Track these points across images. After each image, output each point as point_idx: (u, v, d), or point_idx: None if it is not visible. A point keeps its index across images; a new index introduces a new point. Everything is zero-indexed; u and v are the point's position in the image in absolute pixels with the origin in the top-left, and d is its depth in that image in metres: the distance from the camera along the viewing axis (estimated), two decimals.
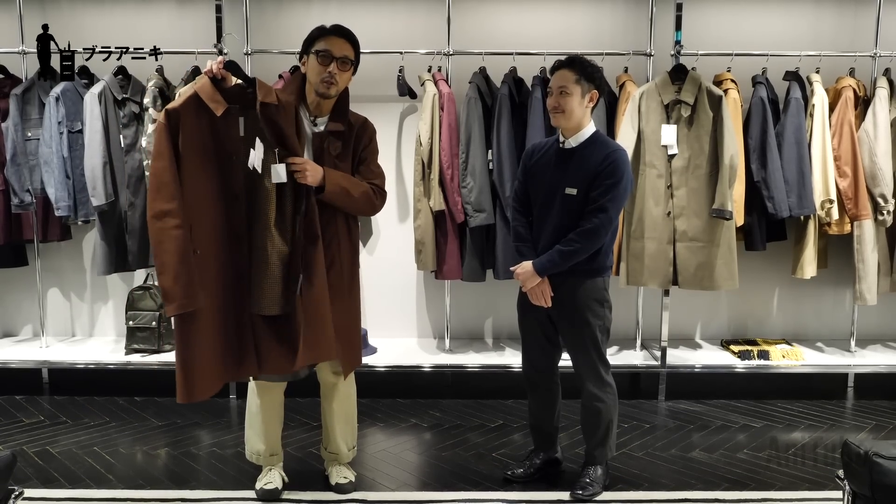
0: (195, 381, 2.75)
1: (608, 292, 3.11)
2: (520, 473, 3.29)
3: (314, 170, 2.80)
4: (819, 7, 4.58)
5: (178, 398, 2.75)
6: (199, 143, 2.72)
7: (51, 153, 4.13)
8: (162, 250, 2.66)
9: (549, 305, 3.07)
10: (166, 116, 2.68)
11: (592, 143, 3.01)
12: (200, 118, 2.71)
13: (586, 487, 3.11)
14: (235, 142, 2.77)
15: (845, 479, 2.29)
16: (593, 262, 3.03)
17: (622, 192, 2.98)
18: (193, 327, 2.73)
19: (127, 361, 4.31)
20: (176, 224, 2.66)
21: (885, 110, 4.14)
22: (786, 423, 3.98)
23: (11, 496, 2.27)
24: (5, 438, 3.73)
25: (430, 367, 4.35)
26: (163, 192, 2.66)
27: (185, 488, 3.20)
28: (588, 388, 3.12)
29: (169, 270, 2.66)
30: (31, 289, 4.65)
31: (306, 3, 4.60)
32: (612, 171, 2.95)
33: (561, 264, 3.00)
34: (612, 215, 2.96)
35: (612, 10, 4.59)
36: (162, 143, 2.67)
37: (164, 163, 2.66)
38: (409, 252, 4.40)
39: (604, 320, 3.09)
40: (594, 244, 2.98)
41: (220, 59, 2.75)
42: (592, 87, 3.00)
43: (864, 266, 4.21)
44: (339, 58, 2.86)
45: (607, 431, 3.15)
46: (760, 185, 4.15)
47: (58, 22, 4.39)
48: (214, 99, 2.71)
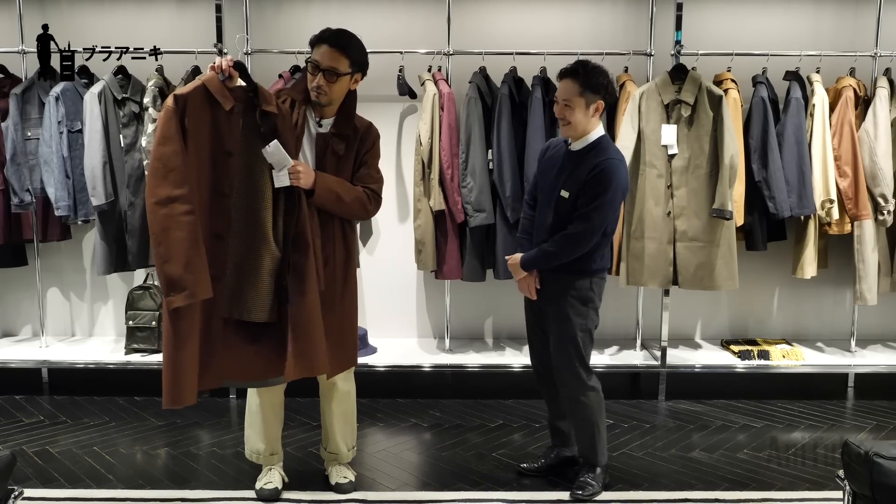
0: (185, 385, 2.67)
1: (595, 293, 3.08)
2: (531, 467, 3.32)
3: (307, 173, 2.77)
4: (819, 7, 4.58)
5: (165, 403, 2.67)
6: (199, 134, 2.67)
7: (50, 153, 4.12)
8: (169, 238, 2.56)
9: (533, 298, 3.14)
10: (175, 101, 2.61)
11: (593, 149, 3.01)
12: (204, 110, 2.67)
13: (585, 487, 3.11)
14: (234, 140, 2.74)
15: (846, 480, 2.29)
16: (580, 263, 3.04)
17: (608, 202, 2.95)
18: (188, 325, 2.64)
19: (127, 361, 4.31)
20: (186, 210, 2.58)
21: (885, 110, 4.14)
22: (786, 423, 3.97)
23: (11, 496, 2.27)
24: (5, 438, 3.73)
25: (430, 367, 4.35)
26: (170, 178, 2.57)
27: (185, 488, 3.19)
28: (568, 390, 3.12)
29: (178, 258, 2.56)
30: (30, 288, 4.65)
31: (306, 3, 4.60)
32: (598, 180, 2.94)
33: (543, 263, 3.06)
34: (595, 224, 2.95)
35: (612, 10, 4.59)
36: (170, 127, 2.59)
37: (174, 147, 2.58)
38: (409, 252, 4.40)
39: (586, 320, 3.07)
40: (575, 250, 2.99)
41: (230, 58, 2.74)
42: (597, 98, 2.96)
43: (865, 266, 4.21)
44: (325, 69, 2.82)
45: (593, 433, 3.13)
46: (762, 185, 4.15)
47: (58, 22, 4.39)
48: (223, 93, 2.68)
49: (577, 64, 3.02)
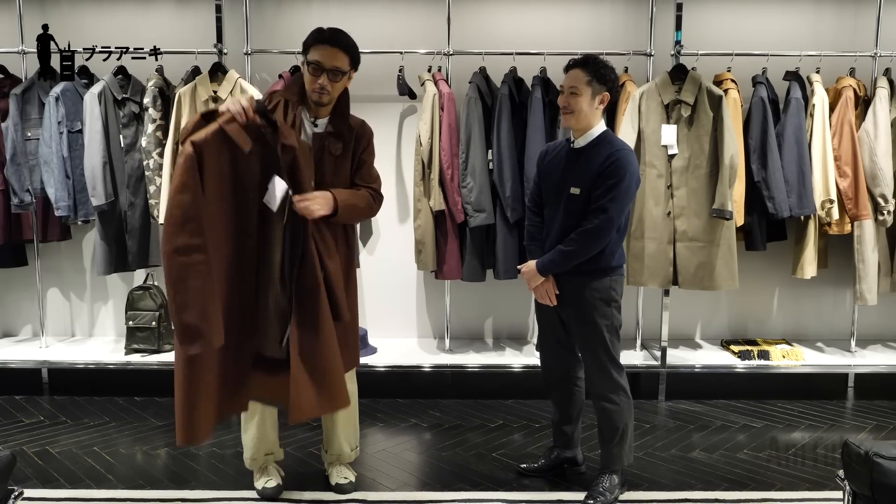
0: (199, 422, 2.70)
1: (617, 291, 3.05)
2: (531, 467, 3.32)
3: (323, 199, 2.77)
4: (819, 7, 4.58)
5: (180, 441, 2.69)
6: (218, 177, 2.65)
7: (50, 153, 4.13)
8: (186, 287, 2.54)
9: (553, 304, 3.07)
10: (193, 147, 2.58)
11: (600, 143, 2.99)
12: (222, 153, 2.64)
13: (597, 497, 3.04)
14: (254, 179, 2.73)
15: (846, 480, 2.29)
16: (598, 262, 2.99)
17: (624, 191, 2.93)
18: (203, 366, 2.67)
19: (127, 361, 4.31)
20: (203, 260, 2.56)
21: (885, 110, 4.14)
22: (786, 424, 3.97)
23: (11, 496, 2.27)
24: (5, 438, 3.73)
25: (430, 367, 4.35)
26: (188, 227, 2.54)
27: (185, 488, 3.19)
28: (597, 389, 3.07)
29: (196, 307, 2.55)
30: (30, 289, 4.65)
31: (306, 3, 4.60)
32: (613, 170, 2.91)
33: (562, 264, 2.99)
34: (612, 215, 2.92)
35: (612, 10, 4.59)
36: (188, 175, 2.55)
37: (192, 195, 2.54)
38: (409, 252, 4.40)
39: (611, 320, 3.03)
40: (595, 244, 2.95)
41: (250, 98, 2.70)
42: (604, 89, 2.96)
43: (865, 266, 4.21)
44: (330, 69, 2.82)
45: (622, 437, 3.07)
46: (761, 185, 4.15)
47: (58, 22, 4.39)
48: (242, 137, 2.65)
49: (586, 55, 3.01)
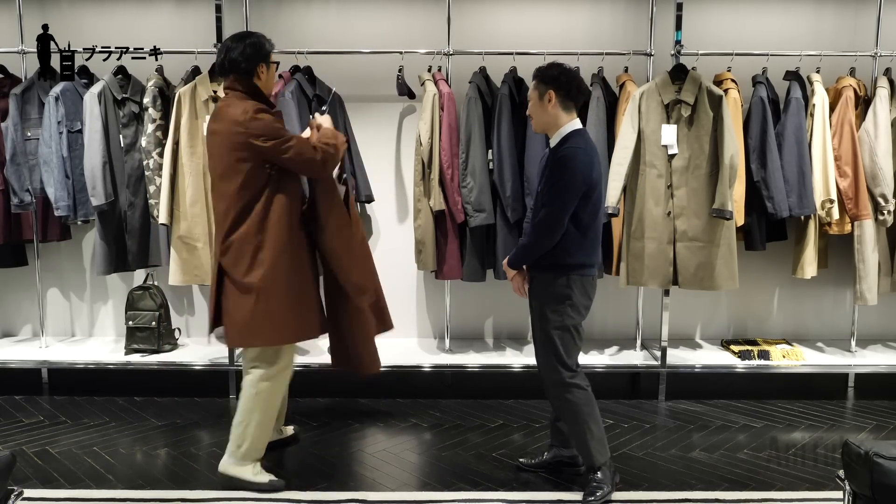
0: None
1: (574, 291, 3.03)
2: (529, 462, 3.37)
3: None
4: (819, 7, 4.58)
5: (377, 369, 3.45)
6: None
7: (50, 153, 4.12)
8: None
9: (523, 296, 3.21)
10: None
11: (565, 142, 3.04)
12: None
13: (594, 492, 3.07)
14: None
15: (846, 480, 2.29)
16: (553, 258, 3.03)
17: (564, 187, 2.94)
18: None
19: (126, 361, 4.31)
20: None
21: (885, 110, 4.14)
22: (786, 423, 3.97)
23: (11, 496, 2.27)
24: (5, 438, 3.73)
25: (430, 367, 4.35)
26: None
27: (185, 488, 3.19)
28: (546, 385, 3.13)
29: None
30: (30, 289, 4.65)
31: (306, 3, 4.59)
32: (556, 166, 2.98)
33: (523, 258, 3.10)
34: (555, 210, 2.95)
35: (612, 10, 4.59)
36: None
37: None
38: (409, 252, 4.40)
39: (562, 317, 3.04)
40: (544, 238, 2.99)
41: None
42: (548, 88, 3.01)
43: (865, 266, 4.21)
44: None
45: (584, 432, 3.09)
46: (760, 184, 4.15)
47: (58, 22, 4.39)
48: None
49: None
